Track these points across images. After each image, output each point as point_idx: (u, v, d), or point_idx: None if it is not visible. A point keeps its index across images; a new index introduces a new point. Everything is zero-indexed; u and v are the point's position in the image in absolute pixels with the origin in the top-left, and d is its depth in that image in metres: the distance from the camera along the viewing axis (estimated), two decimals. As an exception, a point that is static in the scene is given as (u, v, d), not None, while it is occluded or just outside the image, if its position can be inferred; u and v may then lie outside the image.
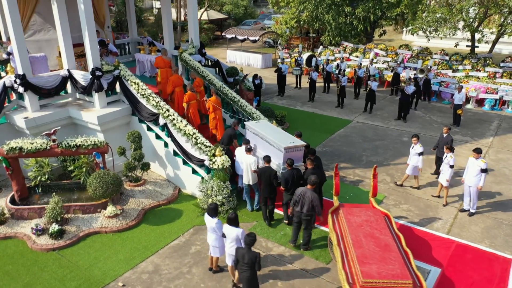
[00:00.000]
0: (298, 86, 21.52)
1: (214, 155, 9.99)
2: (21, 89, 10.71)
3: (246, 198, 10.35)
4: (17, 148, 9.44)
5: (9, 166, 9.65)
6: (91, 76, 10.87)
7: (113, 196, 9.61)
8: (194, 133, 10.30)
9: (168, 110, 10.69)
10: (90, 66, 10.91)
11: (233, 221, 7.19)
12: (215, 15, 36.97)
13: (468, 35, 22.10)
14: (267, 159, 9.60)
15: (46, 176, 10.28)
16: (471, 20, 19.69)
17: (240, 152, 10.28)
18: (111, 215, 9.58)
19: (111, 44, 14.49)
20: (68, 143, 9.65)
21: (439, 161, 12.04)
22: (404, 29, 38.20)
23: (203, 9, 34.29)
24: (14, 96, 11.32)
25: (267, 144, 10.19)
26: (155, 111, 10.83)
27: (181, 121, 10.51)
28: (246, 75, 15.37)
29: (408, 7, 21.38)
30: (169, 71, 12.70)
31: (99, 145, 9.77)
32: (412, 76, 17.96)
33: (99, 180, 9.28)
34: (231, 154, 10.52)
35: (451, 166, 10.39)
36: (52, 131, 9.60)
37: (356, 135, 15.30)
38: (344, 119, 17.05)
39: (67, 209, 9.62)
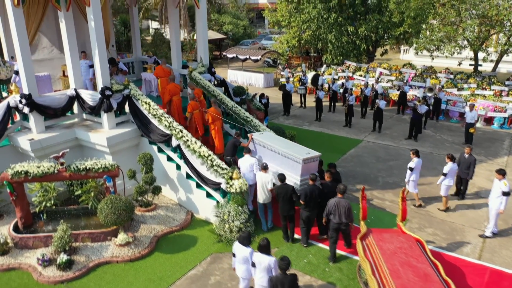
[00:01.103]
0: (303, 105, 21.22)
1: (231, 178, 9.49)
2: (26, 110, 10.19)
3: (261, 216, 9.94)
4: (22, 172, 8.87)
5: (13, 191, 9.06)
6: (100, 96, 10.41)
7: (125, 223, 9.02)
8: (210, 155, 9.81)
9: (181, 131, 10.22)
10: (100, 85, 10.45)
11: (266, 249, 6.66)
12: (214, 35, 36.93)
13: (471, 54, 22.13)
14: (282, 177, 9.23)
15: (52, 202, 9.67)
16: (475, 39, 19.67)
17: (243, 162, 10.07)
18: (123, 243, 8.96)
19: (121, 62, 14.09)
20: (77, 167, 9.10)
21: (460, 182, 11.67)
22: (402, 48, 38.69)
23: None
24: (18, 117, 10.80)
25: (279, 156, 9.92)
26: (168, 132, 10.35)
27: (195, 142, 10.03)
28: (255, 94, 15.01)
29: (411, 26, 21.40)
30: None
31: (110, 168, 9.23)
32: (423, 95, 17.76)
33: (111, 206, 8.71)
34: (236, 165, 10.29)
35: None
36: (60, 153, 9.05)
37: (369, 155, 14.90)
38: (354, 138, 16.69)
39: (75, 237, 8.99)
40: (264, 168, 9.54)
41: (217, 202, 9.98)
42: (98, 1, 9.83)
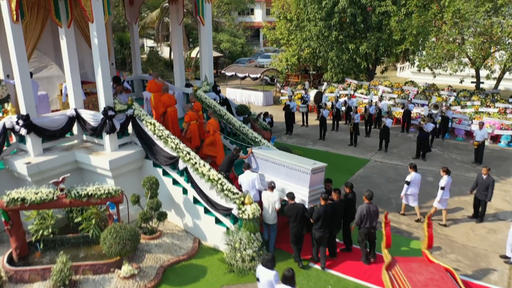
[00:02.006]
0: (305, 124, 20.80)
1: (243, 203, 8.91)
2: (23, 131, 9.56)
3: (266, 237, 9.47)
4: (19, 199, 8.20)
5: (8, 220, 8.37)
6: (102, 116, 9.84)
7: (130, 253, 8.35)
8: (219, 179, 9.23)
9: (188, 153, 9.65)
10: (102, 105, 9.90)
11: (291, 280, 6.23)
12: (210, 53, 36.72)
13: (472, 71, 21.99)
14: (291, 196, 8.96)
15: (50, 230, 8.98)
16: (478, 56, 19.53)
17: (244, 178, 9.71)
18: (127, 276, 8.27)
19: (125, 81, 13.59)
20: (78, 192, 8.46)
21: (478, 205, 11.20)
22: (398, 66, 38.76)
23: (198, 48, 33.97)
24: (13, 139, 10.16)
25: (284, 168, 9.63)
26: (174, 154, 9.78)
27: (203, 165, 9.46)
28: (260, 113, 14.54)
29: (413, 44, 21.26)
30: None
31: (114, 194, 8.59)
32: (428, 113, 17.45)
33: (115, 236, 8.05)
34: (230, 181, 9.74)
35: None
36: (60, 179, 8.41)
37: (378, 176, 14.42)
38: (361, 158, 16.23)
39: (75, 270, 8.28)
40: (272, 187, 9.18)
41: (227, 228, 9.36)
42: (102, 17, 9.35)
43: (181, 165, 9.69)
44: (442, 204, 10.91)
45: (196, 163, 9.48)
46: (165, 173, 10.36)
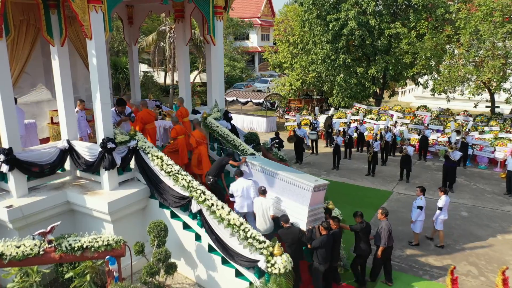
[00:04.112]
0: (315, 151, 19.41)
1: (272, 255, 7.35)
2: (5, 168, 7.97)
3: None
4: (-5, 255, 6.57)
5: (-19, 280, 6.70)
6: (100, 150, 8.31)
7: (135, 322, 6.70)
8: (242, 224, 7.69)
9: (203, 193, 8.12)
10: (100, 135, 8.38)
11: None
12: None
13: (486, 95, 21.00)
14: (285, 219, 8.01)
15: (34, 289, 7.31)
16: (497, 79, 18.51)
17: (237, 186, 8.69)
18: None
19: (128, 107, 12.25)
20: (70, 245, 6.86)
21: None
22: (400, 90, 37.99)
23: (196, 72, 32.84)
24: (-7, 177, 8.57)
25: (282, 183, 8.67)
26: (186, 193, 8.24)
27: (222, 207, 7.92)
28: (274, 142, 13.14)
29: (425, 67, 20.26)
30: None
31: (115, 246, 7.01)
32: (454, 140, 16.20)
33: (117, 302, 6.42)
34: (219, 189, 9.04)
35: None
36: (48, 228, 6.82)
37: (406, 210, 12.89)
38: (382, 190, 14.79)
39: None
40: (263, 192, 8.39)
41: (250, 283, 7.74)
42: (102, 34, 7.98)
43: (195, 207, 8.13)
44: (439, 225, 10.59)
45: (213, 204, 7.94)
46: (173, 215, 8.78)
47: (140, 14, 14.08)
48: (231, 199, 8.93)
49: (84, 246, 6.89)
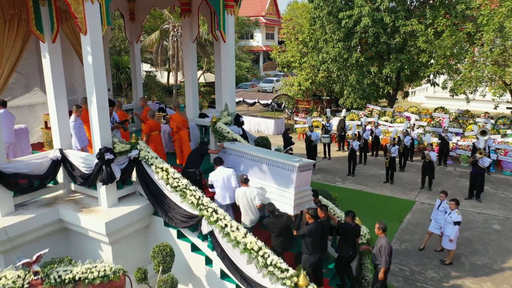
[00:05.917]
0: (328, 156, 18.30)
1: (296, 286, 6.27)
2: (-14, 183, 6.93)
3: None
4: (-29, 290, 5.52)
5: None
6: (96, 161, 7.24)
7: None
8: (260, 248, 6.61)
9: (215, 211, 7.05)
10: (97, 145, 7.32)
11: None
12: (212, 77, 34.64)
13: (507, 96, 19.87)
14: (272, 208, 7.32)
15: (18, 326, 6.24)
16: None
17: (216, 176, 7.97)
18: None
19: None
20: (60, 277, 5.78)
21: None
22: (410, 90, 36.85)
23: (200, 72, 31.81)
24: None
25: (264, 166, 8.05)
26: (195, 212, 7.16)
27: (237, 229, 6.85)
28: (290, 148, 12.06)
29: (444, 66, 19.14)
30: None
31: (112, 276, 5.94)
32: (484, 146, 15.10)
33: None
34: (198, 181, 8.16)
35: None
36: (34, 258, 5.75)
37: (432, 223, 11.84)
38: (403, 199, 13.70)
39: None
40: (245, 181, 7.76)
41: (270, 316, 6.68)
42: (98, 27, 6.91)
43: (205, 228, 7.05)
44: (452, 244, 9.46)
45: (226, 225, 6.86)
46: (180, 235, 7.70)
47: (142, 9, 13.03)
48: (210, 190, 8.09)
49: (77, 278, 5.81)
